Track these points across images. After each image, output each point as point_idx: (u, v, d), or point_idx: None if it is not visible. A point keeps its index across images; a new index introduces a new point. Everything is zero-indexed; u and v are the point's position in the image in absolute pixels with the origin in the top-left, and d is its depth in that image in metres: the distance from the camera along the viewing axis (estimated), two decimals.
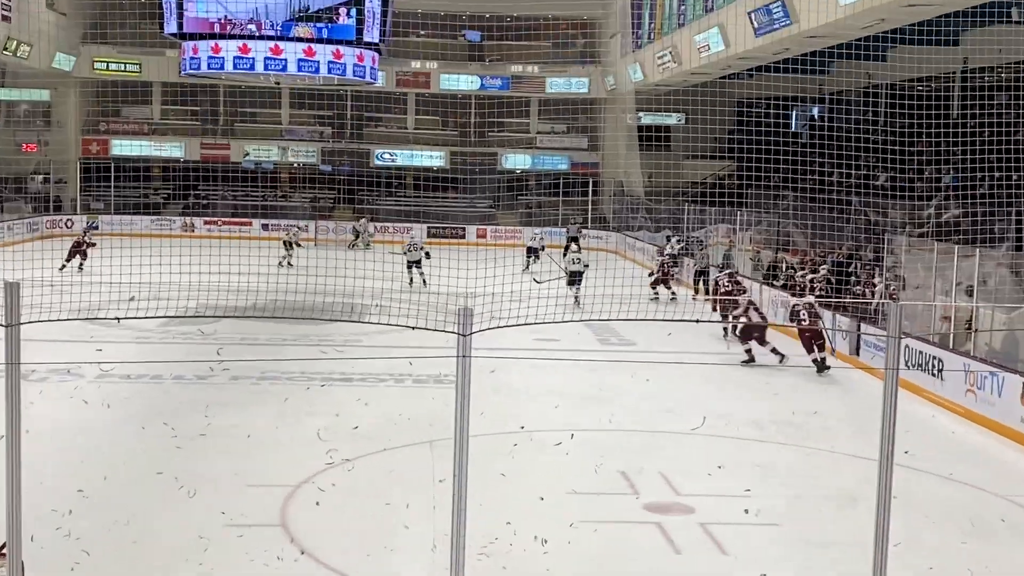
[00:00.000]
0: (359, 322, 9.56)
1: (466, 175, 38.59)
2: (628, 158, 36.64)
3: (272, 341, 16.99)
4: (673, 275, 23.46)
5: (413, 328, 7.60)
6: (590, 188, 37.63)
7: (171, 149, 38.67)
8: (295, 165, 39.80)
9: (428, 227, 35.90)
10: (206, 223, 35.80)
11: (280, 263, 24.17)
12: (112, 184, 36.50)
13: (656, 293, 22.01)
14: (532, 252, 27.81)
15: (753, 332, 16.50)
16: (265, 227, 35.48)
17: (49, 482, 9.02)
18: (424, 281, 21.51)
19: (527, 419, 11.91)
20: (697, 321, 17.54)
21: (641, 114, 35.09)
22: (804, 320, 16.03)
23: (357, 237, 34.36)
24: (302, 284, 10.77)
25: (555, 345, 17.23)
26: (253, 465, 10.26)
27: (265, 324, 17.26)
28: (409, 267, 23.79)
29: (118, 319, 8.58)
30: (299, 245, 28.78)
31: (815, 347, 15.92)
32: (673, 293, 22.57)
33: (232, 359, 14.24)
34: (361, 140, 39.73)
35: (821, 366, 15.78)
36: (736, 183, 29.84)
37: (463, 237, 36.19)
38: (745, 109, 32.28)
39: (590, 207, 37.83)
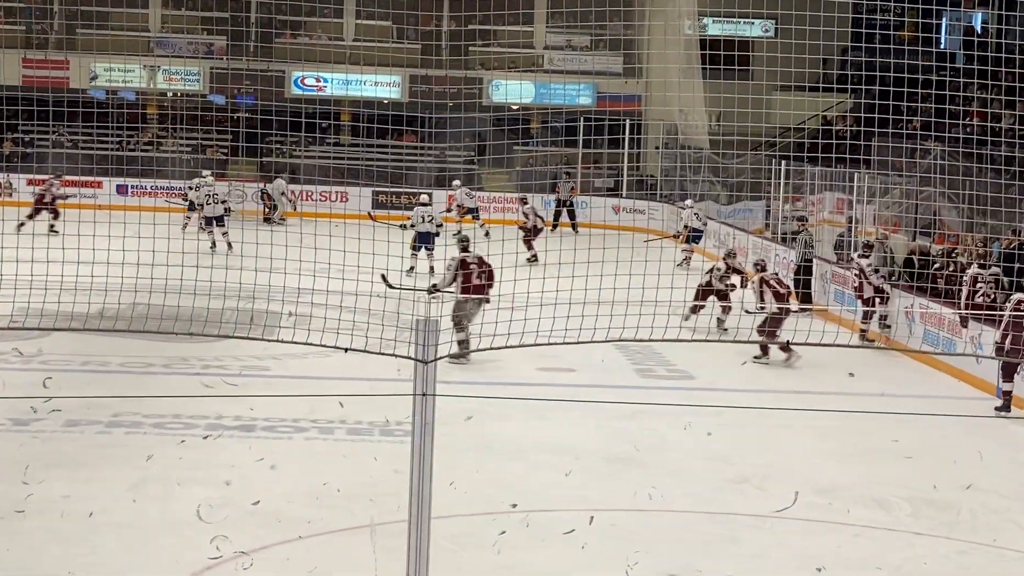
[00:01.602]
0: (264, 340, 9.56)
1: (433, 112, 38.63)
2: (685, 89, 36.68)
3: (130, 367, 16.97)
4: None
5: (346, 350, 7.60)
6: (625, 134, 37.69)
7: None
8: (169, 95, 39.85)
9: (374, 192, 35.95)
10: (30, 183, 35.77)
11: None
12: None
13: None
14: (530, 232, 28.02)
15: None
16: (122, 190, 35.48)
17: None
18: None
19: (522, 493, 11.90)
20: (787, 344, 17.60)
21: (706, 20, 35.18)
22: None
23: (273, 209, 34.45)
24: (177, 281, 10.77)
25: (569, 378, 17.22)
26: (98, 559, 10.23)
27: (119, 341, 17.25)
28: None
29: None
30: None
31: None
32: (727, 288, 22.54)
33: (67, 394, 14.22)
34: (271, 57, 39.76)
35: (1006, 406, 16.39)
36: (853, 129, 29.88)
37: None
38: (866, 16, 32.32)
39: (625, 163, 37.91)
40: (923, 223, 23.75)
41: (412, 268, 23.45)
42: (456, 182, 34.66)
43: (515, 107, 39.67)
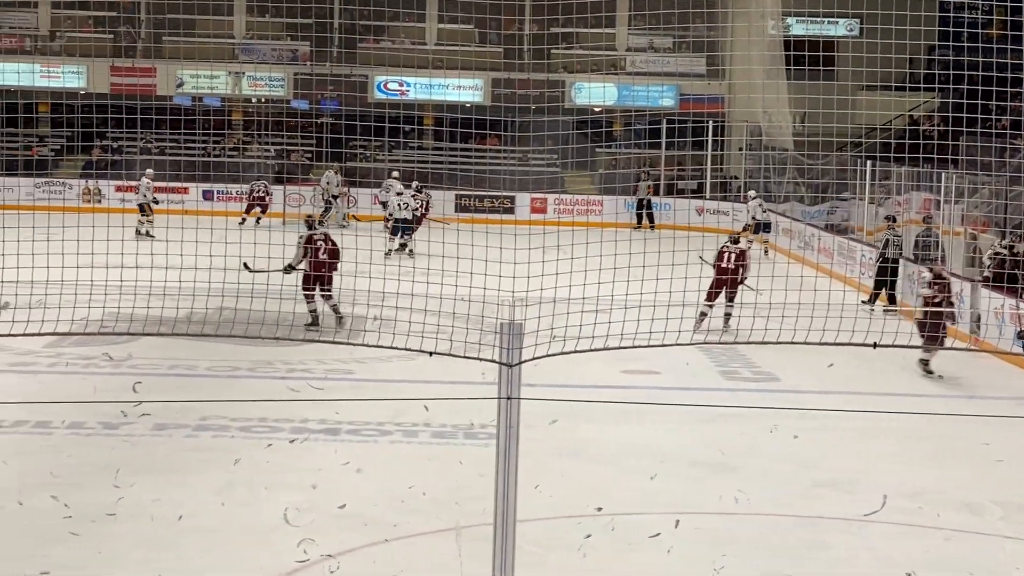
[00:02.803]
0: (349, 344, 9.62)
1: (515, 115, 38.66)
2: (769, 89, 36.44)
3: (217, 371, 17.13)
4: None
5: (431, 354, 7.61)
6: (708, 136, 37.52)
7: (67, 77, 39.22)
8: (254, 101, 40.16)
9: (457, 196, 36.05)
10: (119, 189, 36.21)
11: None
12: None
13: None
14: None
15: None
16: (208, 196, 35.85)
17: None
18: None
19: (608, 496, 11.88)
20: (875, 345, 17.36)
21: (790, 20, 34.94)
22: None
23: (327, 210, 34.65)
24: (263, 285, 10.86)
25: (653, 380, 17.17)
26: (186, 563, 10.32)
27: (206, 345, 17.42)
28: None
29: None
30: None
31: None
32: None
33: (156, 399, 14.38)
34: (355, 62, 39.98)
35: None
36: (940, 128, 29.56)
37: (511, 212, 36.25)
38: (953, 14, 32.01)
39: (708, 165, 37.74)
40: (1012, 223, 23.47)
41: (389, 252, 24.97)
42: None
43: (597, 109, 39.63)
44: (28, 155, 38.74)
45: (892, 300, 23.56)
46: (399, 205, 29.33)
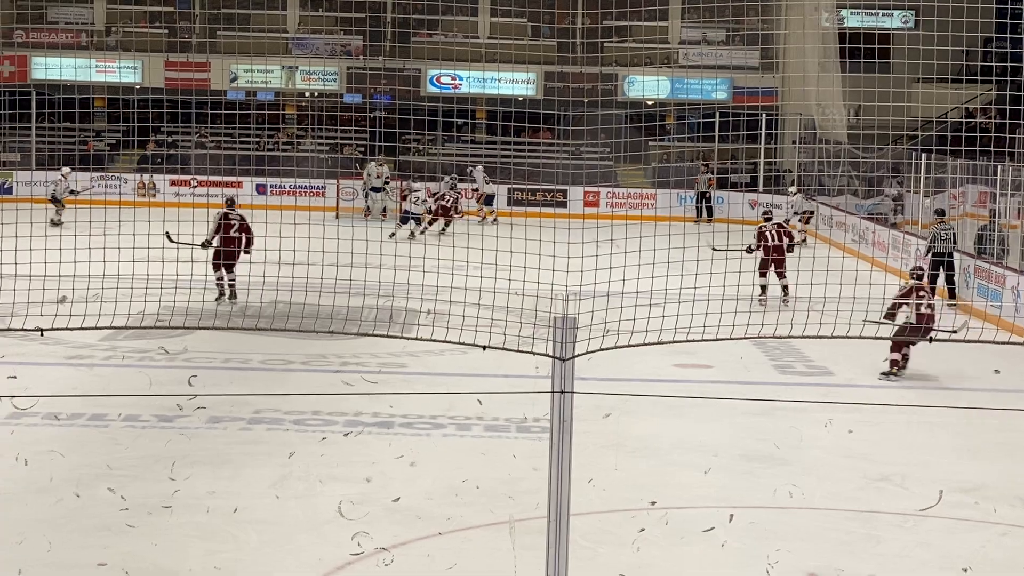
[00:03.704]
0: (402, 338, 9.63)
1: (568, 109, 38.63)
2: (823, 82, 36.28)
3: (271, 365, 17.23)
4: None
5: (484, 348, 7.62)
6: (762, 129, 37.40)
7: (122, 72, 39.47)
8: (307, 95, 40.29)
9: (509, 189, 36.07)
10: (173, 183, 36.45)
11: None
12: (32, 124, 37.40)
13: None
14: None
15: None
16: (262, 190, 36.02)
17: None
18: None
19: (661, 490, 11.90)
20: (930, 340, 17.28)
21: (844, 12, 34.75)
22: None
23: (367, 196, 34.86)
24: (316, 279, 10.89)
25: (707, 374, 17.15)
26: (242, 555, 10.39)
27: (260, 339, 17.51)
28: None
29: (40, 331, 8.77)
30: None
31: None
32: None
33: (211, 392, 14.48)
34: (408, 56, 40.06)
35: None
36: (996, 121, 29.33)
37: (563, 205, 36.25)
38: (1010, 5, 31.70)
39: (762, 158, 37.58)
40: None
41: (393, 234, 26.26)
42: (479, 167, 35.80)
43: (650, 103, 39.54)
44: (84, 150, 39.05)
45: (951, 295, 23.41)
46: (413, 200, 31.10)
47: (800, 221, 31.68)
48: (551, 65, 39.69)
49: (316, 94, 41.53)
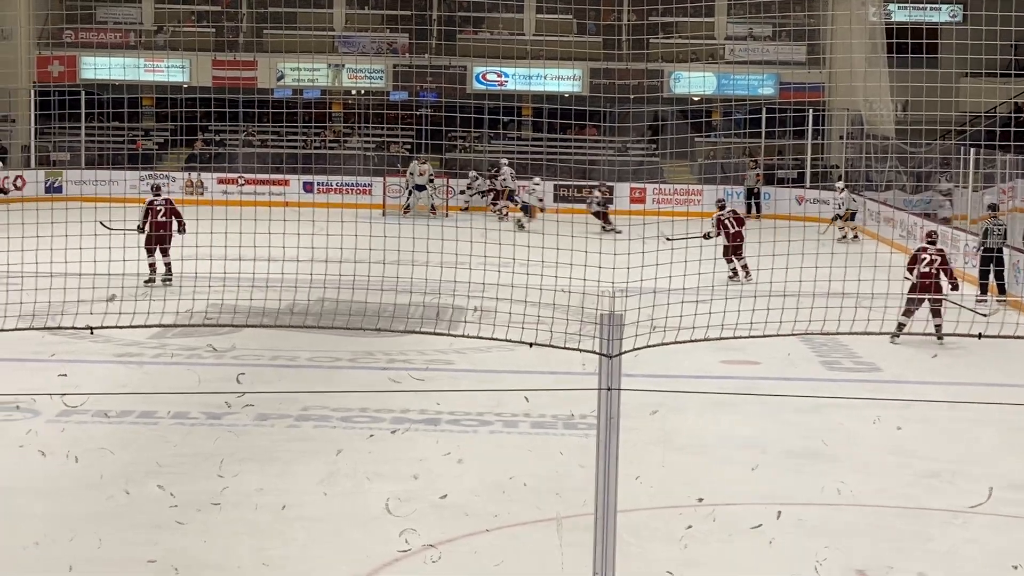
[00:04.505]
0: (449, 335, 9.64)
1: (615, 106, 38.57)
2: (871, 77, 36.08)
3: (319, 362, 17.28)
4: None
5: (531, 345, 7.63)
6: (809, 124, 37.24)
7: (170, 71, 39.68)
8: (353, 92, 40.38)
9: (556, 185, 36.04)
10: (220, 182, 36.63)
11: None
12: (82, 124, 37.63)
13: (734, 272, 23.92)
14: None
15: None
16: (309, 188, 36.15)
17: None
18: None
19: (708, 487, 11.87)
20: (979, 336, 17.14)
21: (891, 7, 34.56)
22: None
23: (410, 194, 34.90)
24: (364, 277, 10.93)
25: (754, 371, 17.09)
26: (290, 552, 10.46)
27: (307, 336, 17.56)
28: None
29: (90, 329, 8.84)
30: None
31: None
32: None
33: (259, 390, 14.54)
34: (454, 53, 40.10)
35: None
36: None
37: (610, 202, 36.20)
38: None
39: (809, 154, 37.43)
40: None
41: (522, 225, 27.94)
42: (504, 161, 35.75)
43: (696, 99, 39.41)
44: (133, 149, 39.28)
45: (1001, 291, 23.24)
46: (529, 191, 33.40)
47: (842, 218, 31.55)
48: (597, 62, 39.64)
49: (362, 92, 41.59)
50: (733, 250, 23.72)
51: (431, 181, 34.99)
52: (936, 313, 18.90)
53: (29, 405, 14.18)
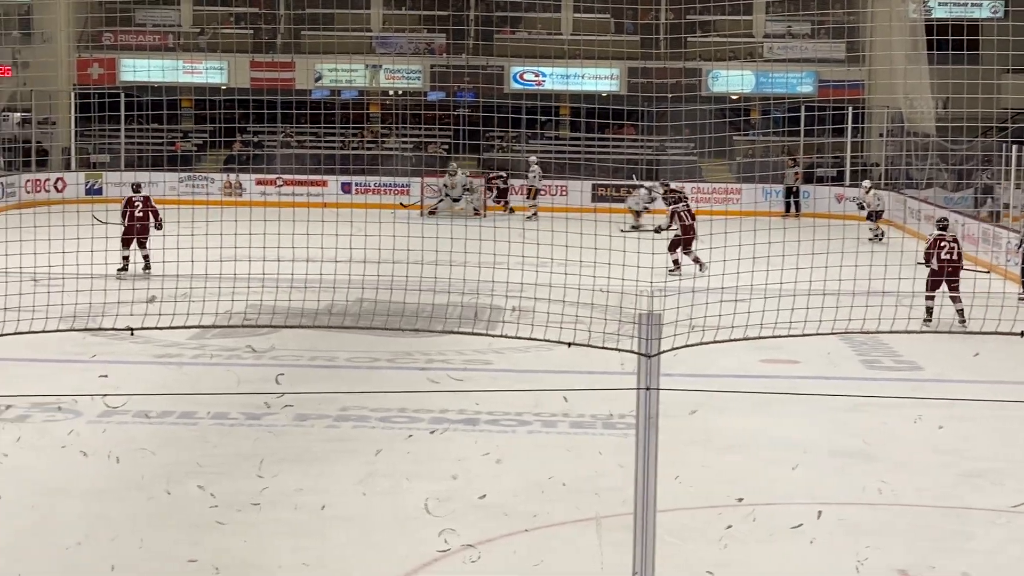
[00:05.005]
0: (487, 335, 9.66)
1: (653, 105, 38.57)
2: (911, 74, 35.93)
3: (357, 363, 17.32)
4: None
5: (570, 345, 7.63)
6: (848, 122, 37.10)
7: (209, 73, 39.87)
8: (391, 93, 40.44)
9: (594, 185, 36.04)
10: (259, 183, 36.78)
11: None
12: (122, 126, 37.86)
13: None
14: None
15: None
16: (347, 188, 36.24)
17: None
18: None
19: (748, 487, 11.83)
20: (1021, 334, 17.08)
21: (932, 3, 34.38)
22: None
23: (445, 198, 35.02)
24: (402, 277, 10.97)
25: (794, 370, 17.03)
26: (329, 551, 10.48)
27: (346, 336, 17.61)
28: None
29: (131, 330, 8.89)
30: None
31: None
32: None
33: (297, 390, 14.59)
34: (491, 53, 40.13)
35: None
36: None
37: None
38: None
39: (848, 152, 37.30)
40: None
41: (635, 227, 28.50)
42: (532, 159, 36.06)
43: (735, 97, 39.32)
44: (172, 150, 39.49)
45: None
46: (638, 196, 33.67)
47: (872, 220, 31.47)
48: (634, 61, 39.58)
49: (400, 92, 41.69)
50: (684, 243, 23.99)
51: (467, 190, 35.04)
52: (956, 299, 18.91)
53: (71, 406, 14.29)
